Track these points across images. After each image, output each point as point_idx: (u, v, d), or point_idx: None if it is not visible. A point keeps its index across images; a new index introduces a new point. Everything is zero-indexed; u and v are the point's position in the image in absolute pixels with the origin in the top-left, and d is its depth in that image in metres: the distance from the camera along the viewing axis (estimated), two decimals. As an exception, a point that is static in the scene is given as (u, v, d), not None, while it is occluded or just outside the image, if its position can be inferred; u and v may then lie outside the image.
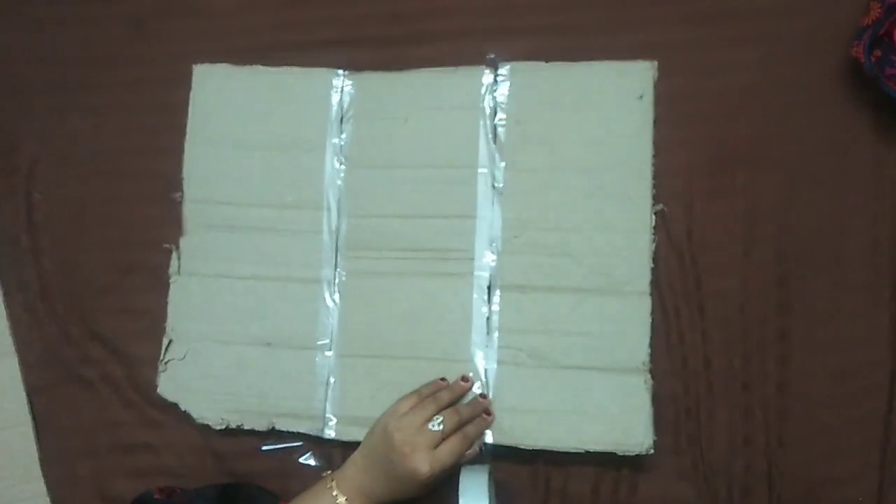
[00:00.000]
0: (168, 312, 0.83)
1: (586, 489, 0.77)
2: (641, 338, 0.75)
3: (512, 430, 0.75)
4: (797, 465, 0.75)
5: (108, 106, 0.88)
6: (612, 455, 0.74)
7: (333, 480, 0.70)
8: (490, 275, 0.78)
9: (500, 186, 0.79)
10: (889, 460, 0.74)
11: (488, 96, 0.80)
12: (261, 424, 0.79)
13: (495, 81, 0.81)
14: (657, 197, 0.78)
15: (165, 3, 0.89)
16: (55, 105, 0.89)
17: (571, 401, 0.75)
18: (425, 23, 0.85)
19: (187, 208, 0.84)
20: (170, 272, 0.83)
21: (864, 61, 0.73)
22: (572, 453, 0.74)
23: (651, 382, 0.74)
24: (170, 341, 0.82)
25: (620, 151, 0.78)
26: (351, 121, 0.83)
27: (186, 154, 0.84)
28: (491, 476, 0.73)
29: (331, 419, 0.79)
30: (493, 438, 0.76)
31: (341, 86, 0.83)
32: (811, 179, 0.78)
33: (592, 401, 0.75)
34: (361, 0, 0.86)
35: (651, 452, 0.73)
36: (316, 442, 0.80)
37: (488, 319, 0.78)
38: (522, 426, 0.75)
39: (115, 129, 0.88)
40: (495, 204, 0.79)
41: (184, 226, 0.83)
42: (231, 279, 0.82)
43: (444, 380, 0.76)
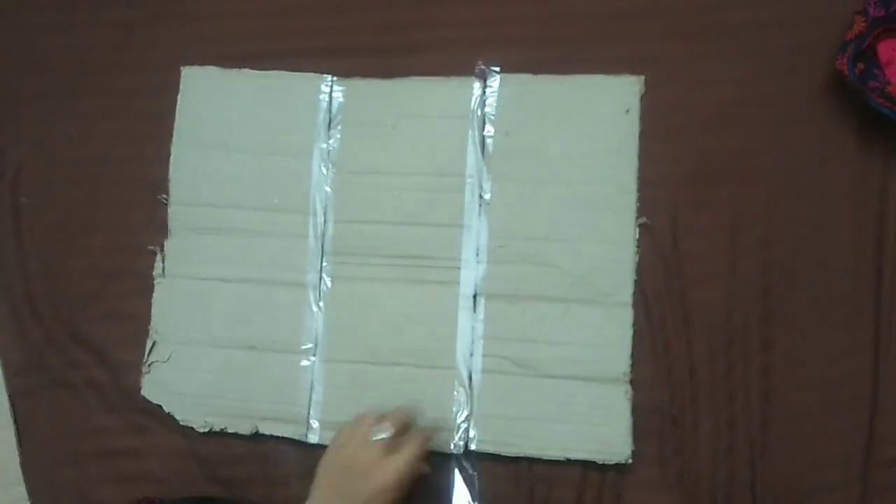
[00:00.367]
0: (152, 314, 0.82)
1: (570, 498, 0.77)
2: (623, 348, 0.76)
3: (495, 438, 0.76)
4: (780, 475, 0.75)
5: (96, 112, 0.88)
6: (597, 464, 0.74)
7: None
8: (475, 283, 0.79)
9: (487, 196, 0.79)
10: (872, 471, 0.74)
11: (477, 106, 0.81)
12: (244, 428, 0.79)
13: (484, 92, 0.81)
14: (643, 209, 0.78)
15: (154, 10, 0.89)
16: (42, 110, 0.89)
17: (554, 409, 0.76)
18: (415, 33, 0.85)
19: (173, 211, 0.84)
20: (154, 274, 0.83)
21: (848, 74, 0.74)
22: (556, 462, 0.75)
23: (631, 393, 0.75)
24: (153, 343, 0.82)
25: (606, 164, 0.79)
26: (339, 126, 0.83)
27: (173, 156, 0.84)
28: (480, 482, 0.73)
29: (314, 424, 0.78)
30: (478, 446, 0.76)
31: (330, 91, 0.83)
32: (795, 192, 0.79)
33: (574, 410, 0.76)
34: (351, 9, 0.86)
35: (629, 462, 0.74)
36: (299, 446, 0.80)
37: (473, 328, 0.78)
38: (506, 433, 0.76)
39: (102, 135, 0.88)
40: (482, 213, 0.79)
41: (169, 228, 0.83)
42: (216, 282, 0.82)
43: None
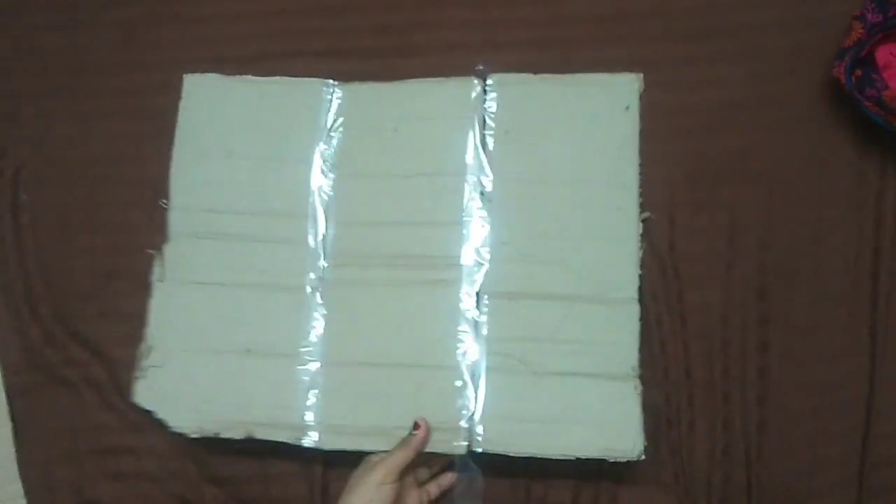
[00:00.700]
0: (149, 319, 0.81)
1: (567, 499, 0.77)
2: (630, 344, 0.75)
3: (501, 437, 0.75)
4: (777, 476, 0.76)
5: (96, 112, 0.89)
6: (594, 465, 0.73)
7: None
8: (479, 282, 0.78)
9: (489, 194, 0.79)
10: (868, 472, 0.75)
11: (477, 107, 0.81)
12: (238, 433, 0.77)
13: (484, 92, 0.81)
14: (642, 207, 0.78)
15: (155, 11, 0.90)
16: (43, 110, 0.89)
17: (561, 408, 0.74)
18: (414, 35, 0.86)
19: (173, 216, 0.83)
20: (152, 279, 0.82)
21: (845, 82, 0.75)
22: (554, 461, 0.73)
23: (641, 388, 0.73)
24: (149, 348, 0.80)
25: (608, 161, 0.79)
26: (339, 130, 0.83)
27: (174, 162, 0.84)
28: (482, 483, 0.73)
29: (311, 427, 0.78)
30: (482, 446, 0.75)
31: (331, 96, 0.83)
32: (792, 194, 0.79)
33: (582, 407, 0.74)
34: (351, 11, 0.87)
35: (642, 458, 0.72)
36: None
37: (476, 326, 0.78)
38: (511, 433, 0.75)
39: (102, 136, 0.88)
40: (484, 212, 0.79)
41: (168, 233, 0.83)
42: (214, 286, 0.81)
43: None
